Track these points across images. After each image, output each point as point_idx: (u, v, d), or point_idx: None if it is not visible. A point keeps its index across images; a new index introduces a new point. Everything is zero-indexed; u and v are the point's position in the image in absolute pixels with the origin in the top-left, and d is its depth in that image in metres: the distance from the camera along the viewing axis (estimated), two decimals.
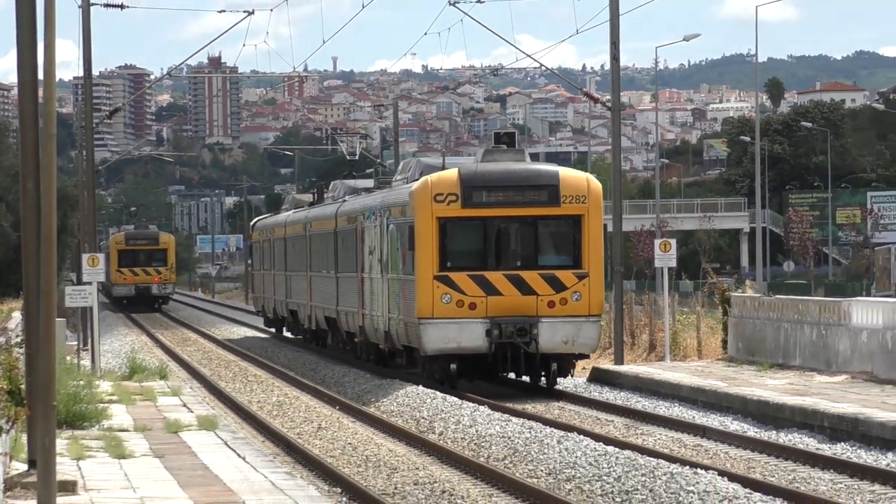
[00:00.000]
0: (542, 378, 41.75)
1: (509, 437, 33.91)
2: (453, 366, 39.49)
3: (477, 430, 35.71)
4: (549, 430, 34.09)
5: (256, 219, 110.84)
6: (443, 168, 43.22)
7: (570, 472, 28.38)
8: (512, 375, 44.71)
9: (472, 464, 31.53)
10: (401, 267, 42.58)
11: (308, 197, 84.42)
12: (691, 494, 24.62)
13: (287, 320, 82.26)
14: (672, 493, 24.94)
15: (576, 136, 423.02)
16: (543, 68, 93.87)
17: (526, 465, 30.61)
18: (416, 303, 38.60)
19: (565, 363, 40.66)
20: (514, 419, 36.76)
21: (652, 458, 28.99)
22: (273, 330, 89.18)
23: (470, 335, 38.00)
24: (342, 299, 58.67)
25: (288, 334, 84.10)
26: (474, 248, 39.23)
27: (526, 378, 43.21)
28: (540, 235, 39.41)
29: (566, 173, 40.07)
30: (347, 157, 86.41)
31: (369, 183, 65.14)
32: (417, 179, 44.02)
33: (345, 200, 62.32)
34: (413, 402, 43.19)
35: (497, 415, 37.83)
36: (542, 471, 29.50)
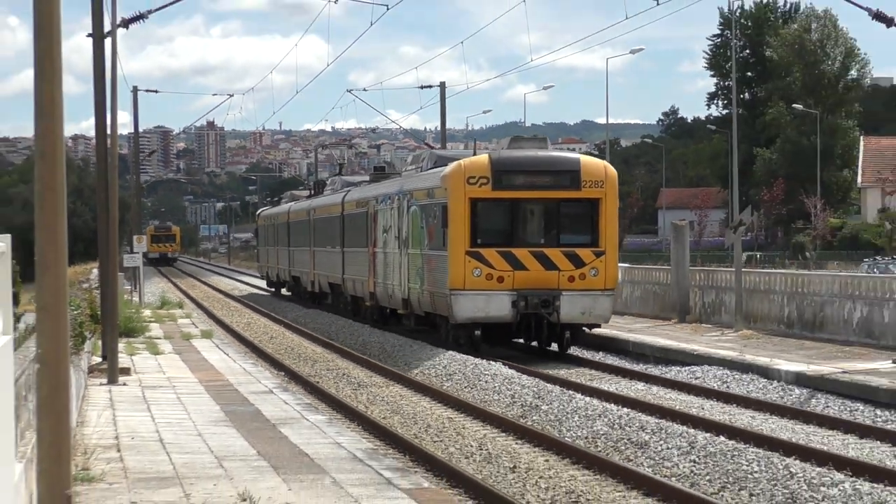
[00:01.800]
0: (555, 344, 40.97)
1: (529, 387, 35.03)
2: (478, 332, 38.45)
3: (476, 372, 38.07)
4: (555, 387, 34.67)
5: (261, 210, 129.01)
6: (474, 154, 41.89)
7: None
8: (522, 342, 43.79)
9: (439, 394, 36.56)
10: (426, 243, 41.76)
11: (305, 192, 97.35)
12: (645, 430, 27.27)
13: (289, 284, 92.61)
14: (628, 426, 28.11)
15: None
16: (402, 128, 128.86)
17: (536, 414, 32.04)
18: (448, 275, 37.31)
19: (577, 332, 39.72)
20: (525, 377, 37.05)
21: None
22: (273, 289, 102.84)
23: (497, 306, 36.95)
24: (348, 269, 61.27)
25: (286, 293, 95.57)
26: (502, 227, 37.76)
27: (534, 343, 42.21)
28: (562, 216, 37.87)
29: (586, 160, 39.40)
30: (338, 162, 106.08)
31: (365, 177, 73.76)
32: (431, 168, 45.23)
33: (349, 191, 65.78)
34: (381, 341, 48.88)
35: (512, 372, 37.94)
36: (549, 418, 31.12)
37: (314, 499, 19.05)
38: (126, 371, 37.53)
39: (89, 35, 37.97)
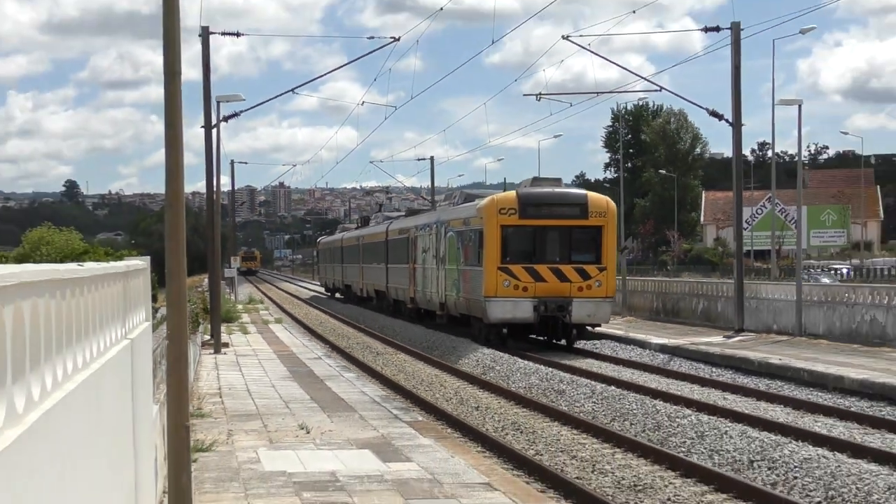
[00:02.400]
0: (564, 340, 37.18)
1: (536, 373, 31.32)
2: (504, 330, 35.71)
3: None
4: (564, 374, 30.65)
5: (320, 238, 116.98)
6: (504, 191, 41.35)
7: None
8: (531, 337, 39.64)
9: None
10: (462, 260, 38.46)
11: (353, 225, 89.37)
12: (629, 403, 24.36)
13: (341, 290, 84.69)
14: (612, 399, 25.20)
15: None
16: (405, 186, 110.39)
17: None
18: (483, 285, 34.04)
19: (582, 330, 36.49)
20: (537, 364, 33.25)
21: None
22: (329, 294, 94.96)
23: (522, 310, 33.72)
24: (391, 279, 56.53)
25: (339, 296, 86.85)
26: (526, 248, 34.70)
27: (541, 338, 38.37)
28: (573, 239, 35.17)
29: (592, 195, 36.41)
30: (378, 203, 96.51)
31: (401, 214, 68.03)
32: (463, 203, 41.92)
33: (391, 222, 60.87)
34: (421, 335, 44.24)
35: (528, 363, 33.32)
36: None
37: (348, 428, 19.30)
38: (226, 345, 37.94)
39: (202, 126, 37.99)
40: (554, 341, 37.73)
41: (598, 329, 38.26)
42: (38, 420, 4.83)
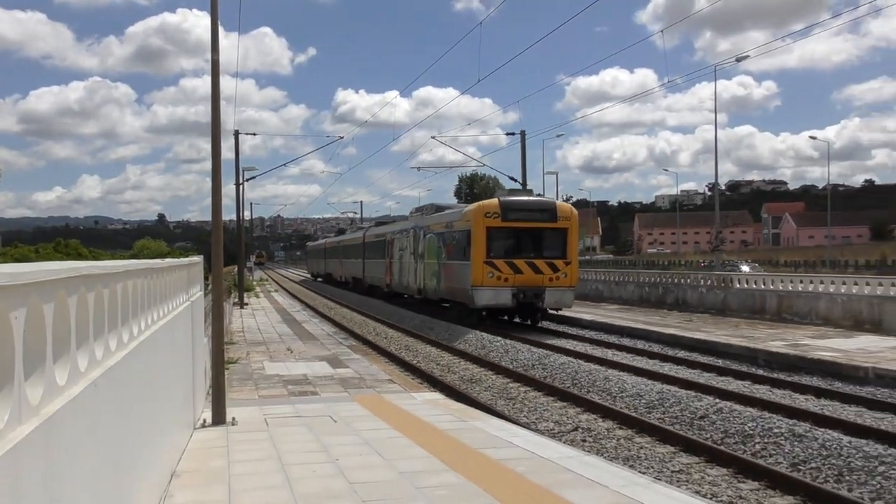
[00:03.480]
0: (529, 321, 26.90)
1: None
2: (484, 313, 26.04)
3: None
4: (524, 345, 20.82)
5: (308, 243, 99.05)
6: (483, 200, 27.86)
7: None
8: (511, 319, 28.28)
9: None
10: (444, 256, 28.29)
11: (332, 235, 74.99)
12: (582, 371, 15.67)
13: (322, 276, 70.92)
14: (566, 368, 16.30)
15: None
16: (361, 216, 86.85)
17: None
18: (470, 276, 25.31)
19: (547, 313, 26.33)
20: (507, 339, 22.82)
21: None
22: (313, 279, 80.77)
23: (503, 296, 24.84)
24: (367, 270, 44.41)
25: (320, 280, 73.18)
26: (507, 245, 25.59)
27: (517, 319, 27.80)
28: (544, 238, 25.76)
29: (560, 203, 27.15)
30: (350, 220, 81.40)
31: (363, 227, 56.60)
32: (435, 213, 31.58)
33: (366, 230, 47.90)
34: (405, 316, 30.82)
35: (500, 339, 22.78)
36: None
37: (314, 349, 19.10)
38: (246, 304, 36.94)
39: (234, 184, 37.37)
40: (518, 320, 27.96)
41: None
42: (142, 342, 5.38)
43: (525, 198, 26.51)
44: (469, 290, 24.92)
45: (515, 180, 36.85)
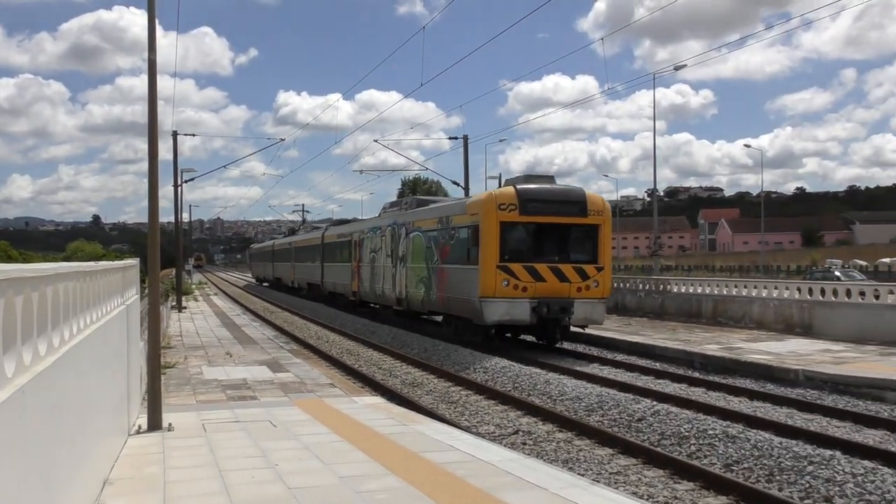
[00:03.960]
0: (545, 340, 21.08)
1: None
2: (493, 330, 20.18)
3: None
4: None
5: (252, 245, 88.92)
6: (500, 186, 21.99)
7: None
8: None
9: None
10: (436, 259, 22.50)
11: (281, 236, 68.87)
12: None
13: (270, 281, 62.74)
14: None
15: None
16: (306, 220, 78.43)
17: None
18: (478, 285, 19.53)
19: (569, 332, 20.60)
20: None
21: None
22: (258, 283, 72.68)
23: (520, 310, 19.02)
24: (327, 275, 38.48)
25: (265, 285, 65.66)
26: (526, 246, 19.55)
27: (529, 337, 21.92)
28: (572, 238, 19.78)
29: (590, 193, 20.59)
30: (303, 219, 74.37)
31: (319, 227, 50.04)
32: (416, 208, 26.32)
33: (325, 230, 41.40)
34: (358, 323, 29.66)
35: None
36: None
37: (253, 353, 18.89)
38: (185, 307, 36.33)
39: (172, 185, 36.83)
40: (531, 338, 21.81)
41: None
42: (74, 346, 5.22)
43: (547, 186, 20.60)
44: (476, 301, 19.55)
45: (458, 184, 36.86)
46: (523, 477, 6.97)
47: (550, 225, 19.66)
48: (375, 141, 39.88)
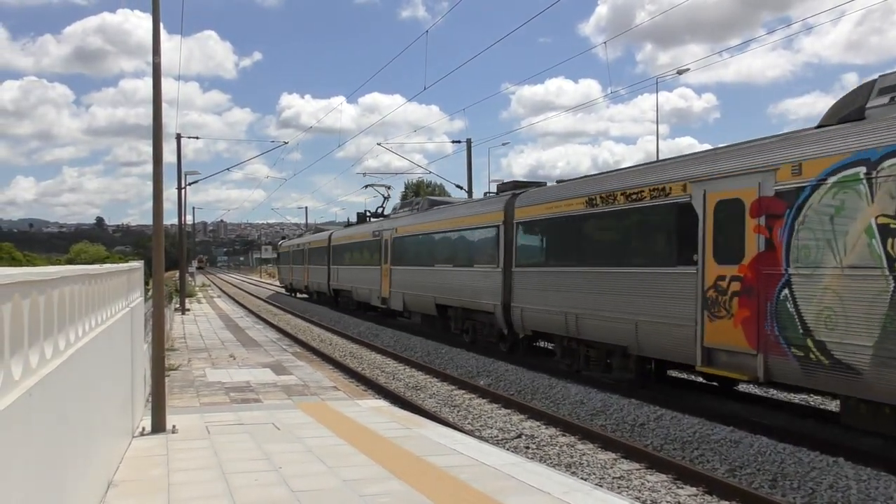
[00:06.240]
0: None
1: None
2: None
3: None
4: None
5: (280, 242, 71.74)
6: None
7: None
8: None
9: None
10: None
11: (298, 238, 55.50)
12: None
13: (296, 287, 48.82)
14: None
15: None
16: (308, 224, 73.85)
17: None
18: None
19: None
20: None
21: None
22: (285, 291, 57.25)
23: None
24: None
25: (283, 291, 56.24)
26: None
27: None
28: None
29: None
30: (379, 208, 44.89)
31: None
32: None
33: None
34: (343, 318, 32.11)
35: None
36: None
37: (257, 356, 18.94)
38: (188, 309, 36.29)
39: (177, 188, 36.96)
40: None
41: None
42: (79, 349, 5.23)
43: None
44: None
45: (462, 188, 36.72)
46: (526, 481, 6.97)
47: None
48: (379, 144, 39.87)
